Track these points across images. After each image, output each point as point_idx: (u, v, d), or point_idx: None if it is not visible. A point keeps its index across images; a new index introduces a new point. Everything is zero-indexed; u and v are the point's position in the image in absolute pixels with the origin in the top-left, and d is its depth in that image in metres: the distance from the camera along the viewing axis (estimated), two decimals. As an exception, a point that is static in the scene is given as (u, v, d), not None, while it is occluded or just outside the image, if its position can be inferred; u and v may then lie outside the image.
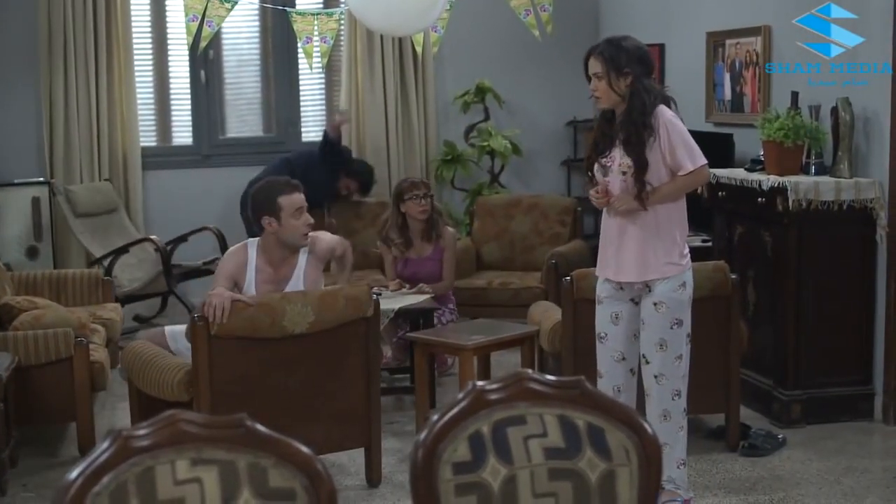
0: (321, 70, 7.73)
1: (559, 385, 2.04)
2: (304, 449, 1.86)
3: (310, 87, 8.17)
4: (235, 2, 7.01)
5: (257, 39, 8.23)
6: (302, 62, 7.77)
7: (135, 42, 7.71)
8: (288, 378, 4.38)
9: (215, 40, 7.53)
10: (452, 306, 6.30)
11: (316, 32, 7.26)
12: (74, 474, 1.75)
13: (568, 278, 4.90)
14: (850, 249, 5.32)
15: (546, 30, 7.23)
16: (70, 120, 7.48)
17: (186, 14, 6.99)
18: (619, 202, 4.10)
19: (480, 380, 2.26)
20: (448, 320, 6.11)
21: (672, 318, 4.13)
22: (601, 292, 4.30)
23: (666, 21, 7.33)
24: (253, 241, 4.82)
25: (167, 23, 7.87)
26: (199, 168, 7.96)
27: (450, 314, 6.19)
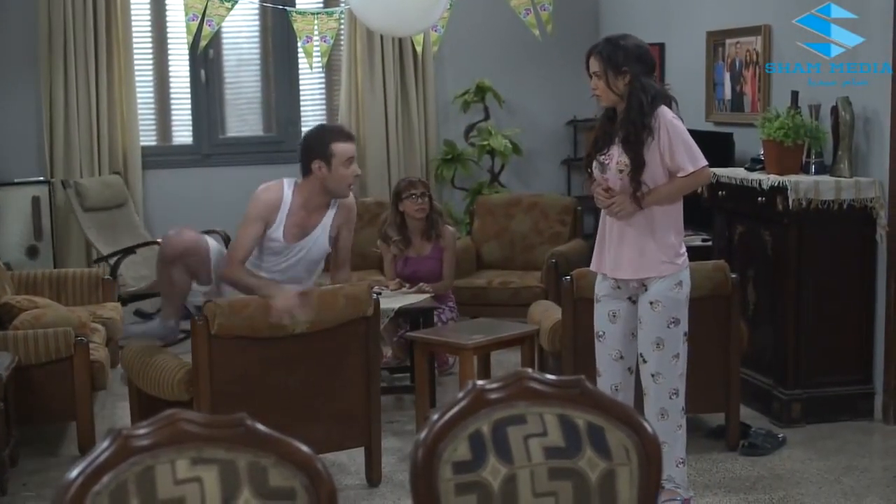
0: (321, 70, 7.74)
1: (559, 384, 2.04)
2: (304, 448, 1.86)
3: (310, 87, 8.16)
4: (235, 1, 7.00)
5: (257, 39, 8.22)
6: (302, 62, 7.76)
7: (135, 41, 7.70)
8: (288, 377, 4.38)
9: (215, 39, 7.52)
10: (452, 305, 6.30)
11: (316, 32, 7.25)
12: (74, 474, 1.75)
13: (568, 277, 4.90)
14: (850, 249, 5.32)
15: (546, 29, 7.23)
16: (70, 119, 7.47)
17: (186, 13, 6.98)
18: (619, 207, 4.10)
19: (480, 379, 2.26)
20: (448, 319, 6.11)
21: (668, 317, 4.13)
22: (599, 291, 4.31)
23: (666, 20, 7.33)
24: (290, 181, 4.72)
25: (167, 22, 7.86)
26: (199, 167, 7.95)
27: (450, 313, 6.19)
